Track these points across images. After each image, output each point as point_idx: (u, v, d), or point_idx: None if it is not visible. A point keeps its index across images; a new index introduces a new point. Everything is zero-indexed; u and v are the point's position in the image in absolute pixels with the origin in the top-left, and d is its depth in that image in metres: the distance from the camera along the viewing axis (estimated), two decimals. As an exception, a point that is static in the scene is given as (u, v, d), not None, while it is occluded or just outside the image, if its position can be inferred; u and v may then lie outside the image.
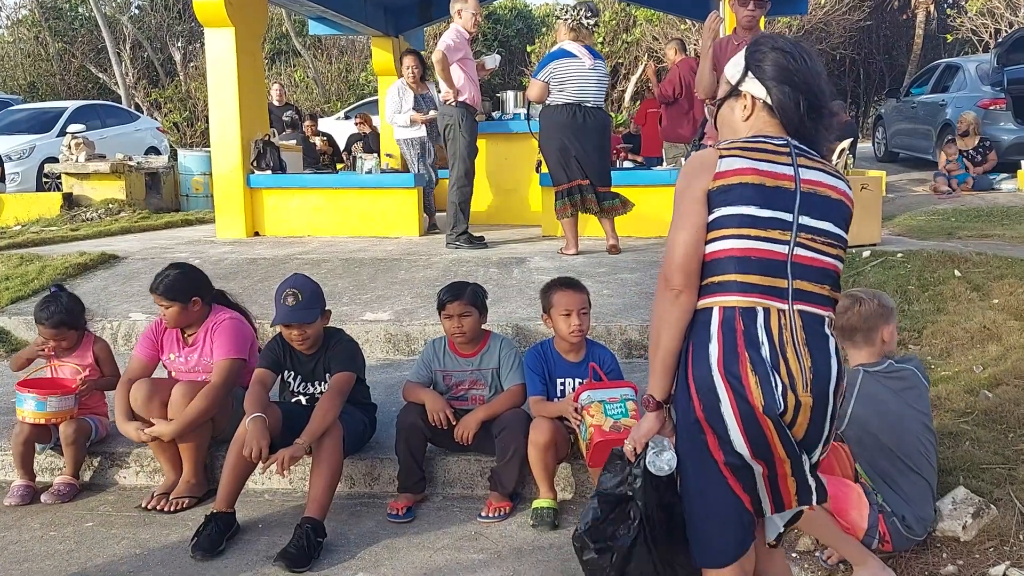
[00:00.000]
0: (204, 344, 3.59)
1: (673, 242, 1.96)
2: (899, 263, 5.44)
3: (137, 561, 3.03)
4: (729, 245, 1.91)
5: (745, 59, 2.03)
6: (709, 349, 1.89)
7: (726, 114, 2.09)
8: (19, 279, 5.95)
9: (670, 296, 1.93)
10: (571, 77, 5.98)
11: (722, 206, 1.92)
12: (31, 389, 3.55)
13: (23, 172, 12.21)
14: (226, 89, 7.61)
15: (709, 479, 1.93)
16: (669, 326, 1.93)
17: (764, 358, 1.86)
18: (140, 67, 23.76)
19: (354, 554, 3.06)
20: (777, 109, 1.98)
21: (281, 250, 6.76)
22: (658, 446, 1.97)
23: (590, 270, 5.71)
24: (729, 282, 1.91)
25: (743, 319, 1.89)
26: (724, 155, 1.95)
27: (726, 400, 1.86)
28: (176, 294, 3.51)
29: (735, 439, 1.88)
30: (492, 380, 3.54)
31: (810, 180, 1.96)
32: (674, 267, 1.93)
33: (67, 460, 3.61)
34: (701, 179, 1.95)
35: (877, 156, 14.94)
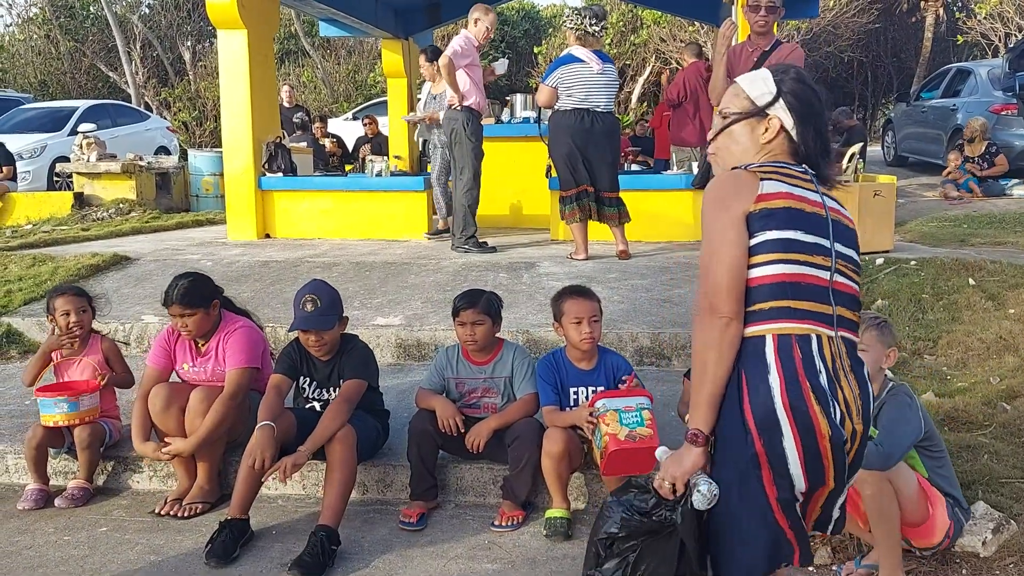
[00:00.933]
0: (218, 352, 3.58)
1: (716, 266, 1.85)
2: (912, 271, 5.42)
3: (151, 567, 3.03)
4: (780, 270, 1.84)
5: (777, 85, 1.97)
6: (769, 381, 1.81)
7: (742, 132, 1.99)
8: (32, 280, 5.97)
9: (719, 324, 1.83)
10: (579, 82, 5.98)
11: (766, 230, 1.85)
12: (55, 393, 3.55)
13: (34, 171, 12.25)
14: (238, 91, 7.61)
15: (757, 514, 1.87)
16: (720, 357, 1.83)
17: (823, 386, 1.82)
18: (150, 66, 23.82)
19: (368, 562, 3.06)
20: (800, 141, 1.96)
21: (292, 253, 6.77)
22: (703, 482, 1.88)
23: (600, 275, 5.70)
24: (782, 308, 1.84)
25: (800, 346, 1.82)
26: (764, 177, 1.89)
27: (789, 435, 1.80)
28: (196, 300, 3.50)
29: (795, 473, 1.83)
30: (505, 388, 3.53)
31: (833, 208, 1.95)
32: (722, 293, 1.83)
33: (81, 464, 3.62)
34: (741, 201, 1.87)
35: (886, 160, 14.89)
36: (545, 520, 3.27)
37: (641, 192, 7.07)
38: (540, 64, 21.03)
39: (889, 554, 2.68)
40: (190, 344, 3.62)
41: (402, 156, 10.26)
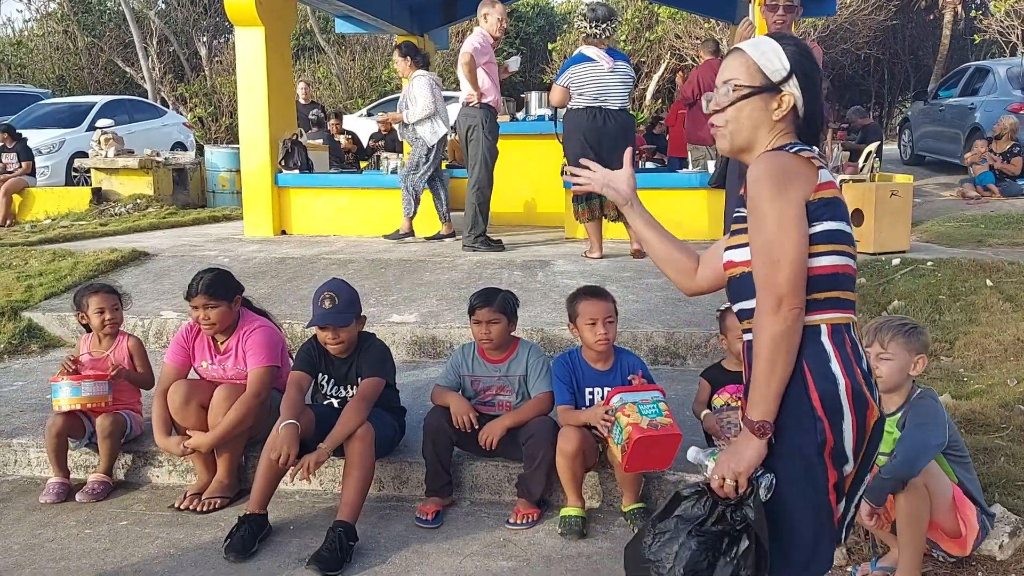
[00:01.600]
0: (237, 351, 3.60)
1: (782, 255, 1.78)
2: (929, 271, 5.40)
3: (171, 561, 3.07)
4: (836, 261, 1.83)
5: (791, 60, 1.90)
6: (832, 368, 1.81)
7: (755, 107, 1.91)
8: (52, 275, 6.04)
9: (792, 316, 1.77)
10: (590, 81, 5.99)
11: (825, 220, 1.82)
12: (65, 376, 3.61)
13: (53, 166, 12.36)
14: (255, 88, 7.66)
15: (817, 503, 1.85)
16: (791, 347, 1.79)
17: (866, 370, 1.87)
18: (166, 62, 23.96)
19: (385, 558, 3.09)
20: (807, 121, 1.92)
21: (308, 250, 6.81)
22: (763, 473, 1.84)
23: (614, 274, 5.71)
24: (835, 299, 1.84)
25: (847, 334, 1.86)
26: (820, 166, 1.85)
27: (849, 417, 1.81)
28: (221, 292, 3.54)
29: (849, 456, 1.83)
30: (519, 387, 3.55)
31: None
32: (792, 283, 1.77)
33: (102, 455, 3.66)
34: (802, 187, 1.81)
35: (903, 159, 14.80)
36: (560, 518, 3.29)
37: (656, 191, 7.07)
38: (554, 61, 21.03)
39: (911, 558, 2.67)
40: (209, 342, 3.65)
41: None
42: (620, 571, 2.27)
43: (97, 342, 3.86)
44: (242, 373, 3.58)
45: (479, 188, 6.59)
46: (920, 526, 2.66)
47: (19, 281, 5.90)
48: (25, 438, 3.80)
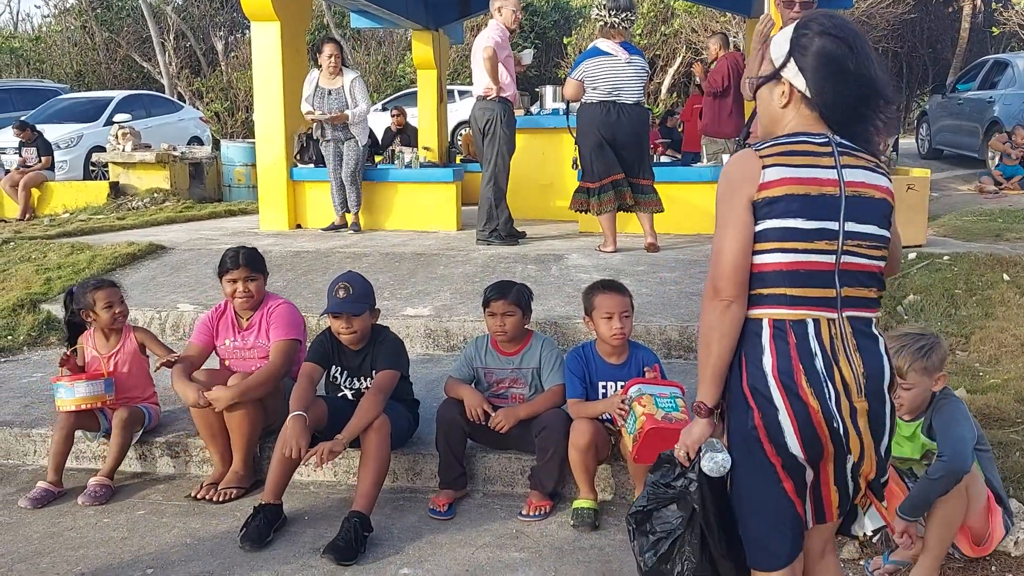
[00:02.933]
0: (260, 327, 3.70)
1: (720, 250, 1.92)
2: (946, 266, 5.37)
3: (188, 550, 3.11)
4: (777, 259, 1.90)
5: (791, 41, 1.92)
6: (763, 361, 1.91)
7: (765, 97, 2.01)
8: (71, 268, 6.10)
9: (720, 307, 1.91)
10: (605, 75, 5.98)
11: (768, 218, 1.89)
12: (61, 378, 3.64)
13: (71, 160, 12.46)
14: (271, 83, 7.70)
15: (766, 484, 1.95)
16: (721, 336, 1.92)
17: (818, 369, 1.88)
18: (183, 57, 24.09)
19: (398, 549, 3.11)
20: (818, 104, 1.92)
21: (323, 243, 6.85)
22: (711, 448, 2.00)
23: (629, 268, 5.71)
24: (779, 295, 1.91)
25: (794, 332, 1.90)
26: (768, 164, 1.89)
27: (783, 408, 1.88)
28: (260, 266, 3.70)
29: (791, 444, 1.90)
30: (532, 379, 3.57)
31: (854, 182, 1.92)
32: (724, 278, 1.91)
33: (109, 453, 3.63)
34: (745, 188, 1.90)
35: (920, 153, 14.69)
36: (572, 510, 3.30)
37: (670, 184, 7.05)
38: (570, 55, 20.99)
39: (934, 559, 2.66)
40: (233, 320, 3.75)
41: (431, 148, 10.31)
42: (632, 563, 2.29)
43: (103, 339, 3.87)
44: (264, 347, 3.66)
45: (495, 182, 6.59)
46: (951, 529, 2.64)
47: (38, 274, 5.97)
48: (44, 428, 3.85)
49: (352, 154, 7.44)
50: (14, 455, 3.91)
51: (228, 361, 3.77)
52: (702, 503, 2.03)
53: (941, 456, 2.60)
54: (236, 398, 3.46)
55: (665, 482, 2.13)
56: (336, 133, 7.41)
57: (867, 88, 1.91)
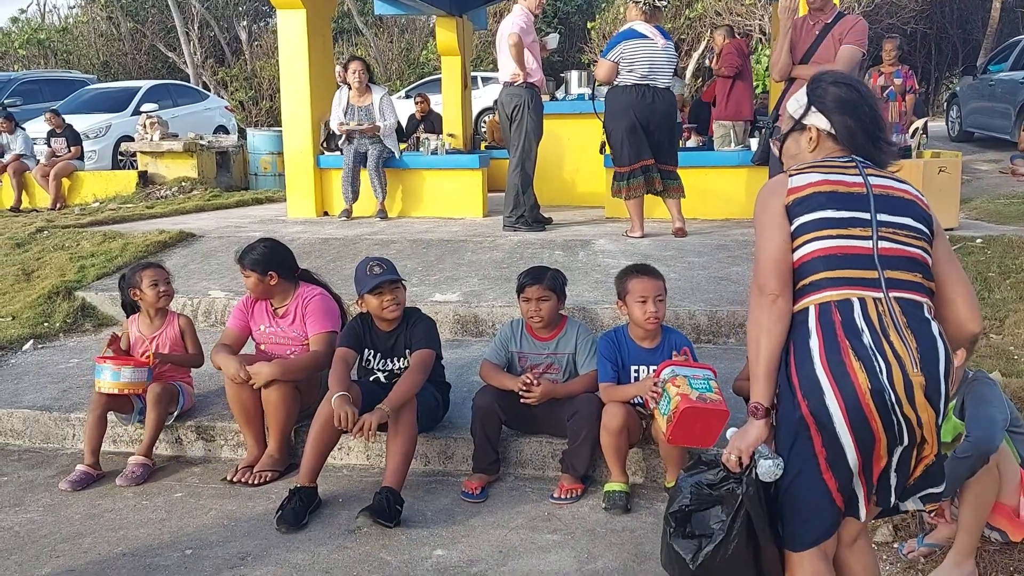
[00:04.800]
0: (295, 316, 3.76)
1: (760, 252, 2.04)
2: (979, 249, 5.30)
3: (225, 531, 3.16)
4: (814, 247, 1.99)
5: (808, 95, 2.17)
6: (810, 345, 1.94)
7: (791, 147, 2.22)
8: (103, 256, 6.19)
9: (766, 303, 1.99)
10: (641, 58, 5.93)
11: (801, 215, 2.02)
12: (107, 360, 3.70)
13: (100, 150, 12.60)
14: (297, 70, 7.73)
15: (809, 476, 1.97)
16: (769, 332, 1.98)
17: (866, 344, 1.90)
18: (207, 46, 24.25)
19: (432, 531, 3.14)
20: (841, 137, 2.12)
21: (350, 230, 6.89)
22: (764, 454, 1.99)
23: (656, 253, 5.69)
24: (820, 280, 1.97)
25: (839, 311, 1.94)
26: (794, 173, 2.08)
27: (830, 392, 1.90)
28: (255, 266, 3.71)
29: (840, 430, 1.90)
30: (567, 365, 3.58)
31: (880, 184, 2.07)
32: (766, 274, 2.01)
33: (146, 431, 3.68)
34: (777, 198, 2.07)
35: (951, 136, 14.47)
36: (604, 493, 3.32)
37: (698, 169, 7.02)
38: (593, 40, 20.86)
39: (969, 540, 2.64)
40: (267, 306, 3.81)
41: (455, 134, 10.31)
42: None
43: (148, 320, 3.94)
44: (299, 336, 3.72)
45: (522, 168, 6.58)
46: (985, 508, 2.63)
47: (72, 262, 6.06)
48: (81, 413, 3.92)
49: (375, 150, 7.54)
50: (53, 439, 3.99)
51: (264, 345, 3.83)
52: (756, 509, 2.02)
53: (968, 436, 2.59)
54: (276, 375, 3.51)
55: (710, 484, 2.12)
56: (363, 140, 7.57)
57: (877, 125, 2.14)
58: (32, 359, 4.83)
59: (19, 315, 5.33)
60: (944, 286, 2.05)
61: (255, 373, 3.50)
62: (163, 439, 3.89)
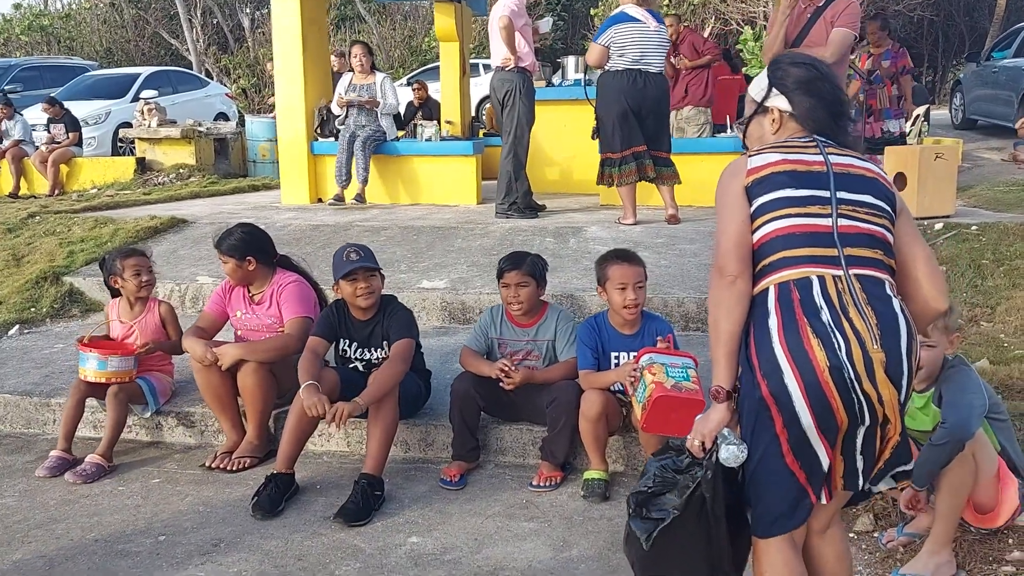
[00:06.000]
0: (271, 303, 3.73)
1: (720, 234, 2.03)
2: (973, 236, 5.24)
3: (200, 518, 3.14)
4: (773, 226, 1.98)
5: (768, 77, 2.16)
6: (769, 324, 1.92)
7: (755, 130, 2.21)
8: (93, 241, 6.17)
9: (725, 284, 1.97)
10: (633, 42, 5.85)
11: (760, 195, 2.01)
12: (93, 349, 3.67)
13: (99, 136, 12.57)
14: (292, 57, 7.68)
15: (771, 457, 1.94)
16: (728, 313, 1.96)
17: (825, 321, 1.88)
18: (210, 33, 24.19)
19: (408, 518, 3.12)
20: (802, 118, 2.10)
21: (342, 217, 6.85)
22: (725, 440, 1.97)
23: (648, 240, 5.64)
24: (779, 259, 1.96)
25: (798, 289, 1.92)
26: (753, 154, 2.07)
27: (789, 371, 1.87)
28: (232, 251, 3.69)
29: (799, 409, 1.87)
30: (547, 352, 3.54)
31: (841, 163, 2.05)
32: (725, 255, 1.99)
33: (107, 427, 3.61)
34: (736, 179, 2.05)
35: (954, 123, 14.33)
36: (583, 481, 3.29)
37: (692, 156, 6.95)
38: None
39: (946, 529, 2.61)
40: (244, 293, 3.79)
41: (453, 121, 10.24)
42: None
43: (128, 307, 3.92)
44: (274, 324, 3.70)
45: (514, 154, 6.52)
46: (961, 496, 2.59)
47: (61, 247, 6.04)
48: (63, 398, 3.89)
49: (368, 130, 7.51)
50: (34, 424, 3.98)
51: (240, 332, 3.81)
52: (713, 493, 2.00)
53: (944, 423, 2.55)
54: (243, 355, 3.49)
55: (675, 468, 2.10)
56: (360, 119, 7.53)
57: (838, 103, 2.13)
58: (17, 344, 4.82)
59: (6, 300, 5.32)
60: (908, 264, 2.02)
61: (221, 354, 3.49)
62: (143, 424, 3.88)
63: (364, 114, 7.55)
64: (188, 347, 3.59)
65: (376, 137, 7.57)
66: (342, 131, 7.56)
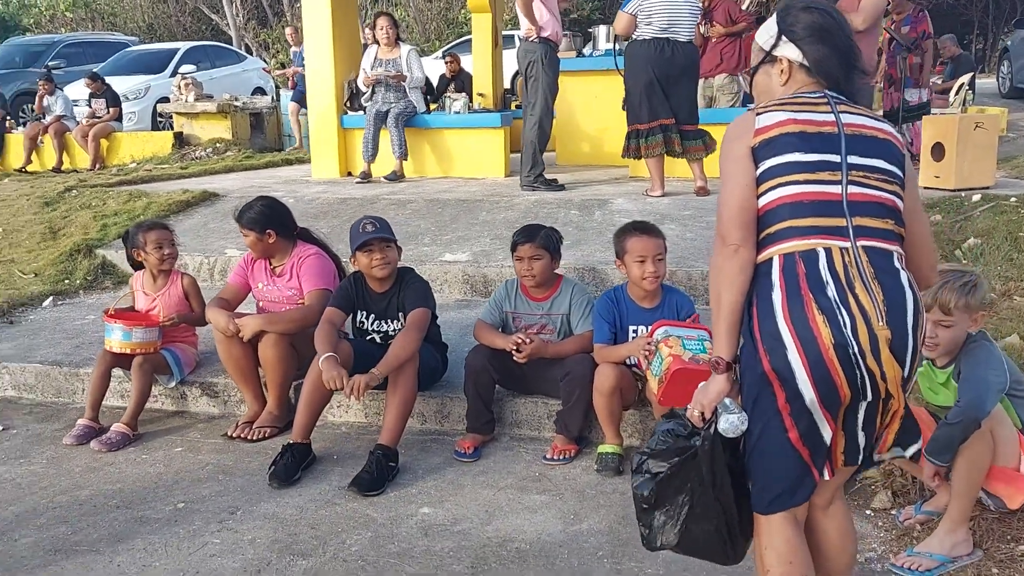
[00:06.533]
0: (291, 274, 3.78)
1: (723, 200, 1.95)
2: (1012, 208, 5.07)
3: (219, 486, 3.20)
4: (780, 193, 1.90)
5: (777, 23, 2.03)
6: (772, 297, 1.86)
7: (762, 80, 2.09)
8: (127, 214, 6.28)
9: (728, 252, 1.90)
10: (660, 9, 5.74)
11: (767, 158, 1.91)
12: (118, 320, 3.75)
13: (139, 111, 12.77)
14: (321, 30, 7.69)
15: (772, 431, 1.90)
16: (730, 283, 1.89)
17: (831, 297, 1.82)
18: (249, 8, 24.31)
19: (421, 489, 3.14)
20: (814, 68, 1.99)
21: (370, 191, 6.88)
22: (726, 409, 1.94)
23: (675, 212, 5.57)
24: (785, 229, 1.88)
25: (804, 262, 1.85)
26: (761, 112, 1.96)
27: (792, 347, 1.82)
28: (252, 224, 3.73)
29: (802, 385, 1.83)
30: (562, 325, 3.52)
31: (853, 123, 1.94)
32: (728, 223, 1.91)
33: (132, 397, 3.69)
34: (742, 139, 1.95)
35: (1001, 92, 13.87)
36: (596, 455, 3.28)
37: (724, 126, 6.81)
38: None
39: (962, 507, 2.56)
40: (266, 265, 3.84)
41: (485, 93, 10.18)
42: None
43: (151, 280, 3.98)
44: (297, 293, 3.74)
45: (535, 127, 6.47)
46: (978, 474, 2.54)
47: (96, 220, 6.16)
48: (91, 368, 3.96)
49: (399, 106, 7.48)
50: (64, 393, 4.08)
51: (262, 303, 3.86)
52: (711, 464, 1.97)
53: (959, 401, 2.49)
54: (263, 327, 3.55)
55: (677, 435, 2.07)
56: (388, 96, 7.51)
57: (852, 54, 2.01)
58: (50, 315, 4.94)
59: (42, 272, 5.45)
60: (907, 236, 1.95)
61: (243, 325, 3.54)
62: (168, 394, 3.96)
63: (392, 89, 7.53)
64: (211, 317, 3.65)
65: (407, 112, 7.56)
66: (368, 106, 7.56)
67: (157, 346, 3.80)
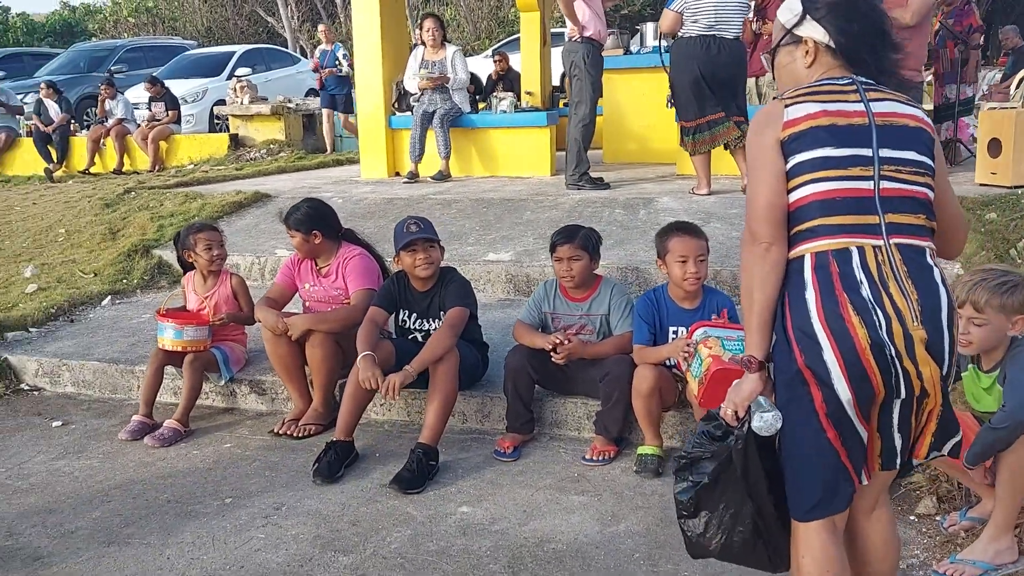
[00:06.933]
0: (337, 274, 3.86)
1: (752, 195, 1.91)
2: (1070, 206, 4.91)
3: (265, 482, 3.29)
4: (811, 190, 1.86)
5: (802, 2, 1.95)
6: (806, 296, 1.84)
7: (785, 62, 2.02)
8: (182, 216, 6.46)
9: (759, 251, 1.88)
10: (707, 7, 5.69)
11: (797, 153, 1.87)
12: (170, 319, 3.87)
13: (197, 114, 13.10)
14: (370, 32, 7.80)
15: (809, 433, 1.88)
16: (762, 282, 1.88)
17: (865, 297, 1.80)
18: (304, 10, 24.74)
19: (460, 487, 3.18)
20: (841, 50, 1.93)
21: (417, 190, 6.95)
22: (759, 408, 1.93)
23: (721, 211, 5.51)
24: (817, 227, 1.86)
25: (837, 261, 1.83)
26: (789, 103, 1.90)
27: (828, 346, 1.80)
28: (299, 225, 3.82)
29: (838, 385, 1.81)
30: (601, 326, 3.53)
31: (883, 112, 1.89)
32: (759, 220, 1.88)
33: (183, 394, 3.80)
34: (770, 131, 1.90)
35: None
36: (636, 456, 3.28)
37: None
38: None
39: (1006, 512, 2.51)
40: (312, 265, 3.93)
41: (533, 92, 10.19)
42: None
43: (201, 280, 4.11)
44: (342, 292, 3.82)
45: (583, 124, 6.46)
46: (1022, 481, 2.48)
47: (152, 221, 6.36)
48: (146, 366, 4.11)
49: (444, 108, 7.55)
50: (120, 390, 4.23)
51: (308, 303, 3.94)
52: (744, 463, 1.96)
53: (1004, 405, 2.43)
54: (310, 326, 3.63)
55: (713, 436, 2.06)
56: (434, 97, 7.58)
57: (881, 26, 1.94)
58: (108, 314, 5.12)
59: (101, 272, 5.64)
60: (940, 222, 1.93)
61: (291, 324, 3.62)
62: (219, 391, 4.08)
63: (438, 91, 7.61)
64: (260, 316, 3.74)
65: (452, 113, 7.62)
66: (416, 107, 7.65)
67: (207, 344, 3.91)
